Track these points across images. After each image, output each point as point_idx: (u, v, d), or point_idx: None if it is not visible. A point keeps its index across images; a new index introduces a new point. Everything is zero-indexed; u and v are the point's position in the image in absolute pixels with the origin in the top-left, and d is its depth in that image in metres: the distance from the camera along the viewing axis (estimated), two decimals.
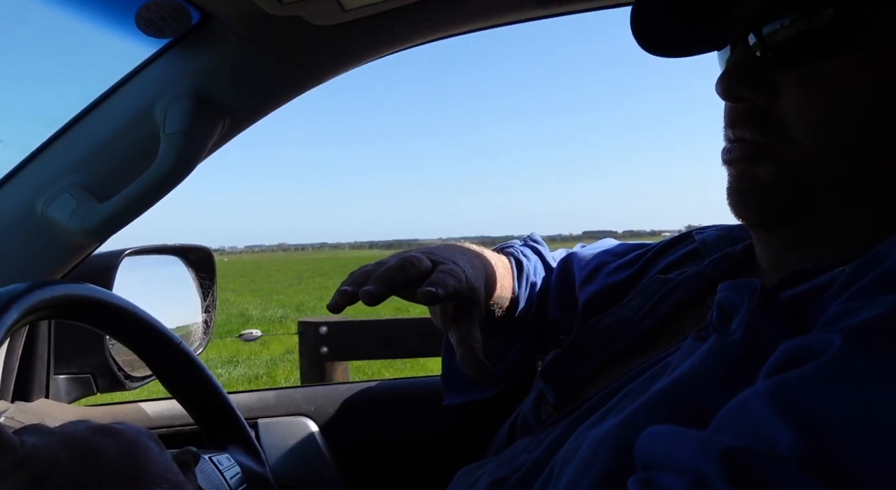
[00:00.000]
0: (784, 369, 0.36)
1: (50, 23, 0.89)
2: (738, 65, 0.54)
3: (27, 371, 1.02)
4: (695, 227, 0.79)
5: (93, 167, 0.88)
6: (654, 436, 0.38)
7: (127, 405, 1.14)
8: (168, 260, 1.31)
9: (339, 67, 0.94)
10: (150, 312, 0.80)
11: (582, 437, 0.48)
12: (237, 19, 0.83)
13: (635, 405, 0.45)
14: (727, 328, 0.46)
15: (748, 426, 0.34)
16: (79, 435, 0.48)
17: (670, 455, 0.36)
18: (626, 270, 0.79)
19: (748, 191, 0.54)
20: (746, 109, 0.53)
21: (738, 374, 0.42)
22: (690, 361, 0.46)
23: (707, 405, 0.41)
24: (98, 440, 0.48)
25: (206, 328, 1.34)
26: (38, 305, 0.63)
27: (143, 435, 0.52)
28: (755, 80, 0.53)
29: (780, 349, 0.38)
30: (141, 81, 0.89)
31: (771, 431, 0.32)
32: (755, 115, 0.53)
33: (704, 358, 0.45)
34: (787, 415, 0.32)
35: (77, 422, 0.51)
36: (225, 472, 0.76)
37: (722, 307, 0.48)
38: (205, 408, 0.84)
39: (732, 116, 0.55)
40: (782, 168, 0.52)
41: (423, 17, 0.88)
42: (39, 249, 0.89)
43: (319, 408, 1.15)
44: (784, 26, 0.51)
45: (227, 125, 0.92)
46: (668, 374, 0.48)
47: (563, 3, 0.89)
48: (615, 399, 0.52)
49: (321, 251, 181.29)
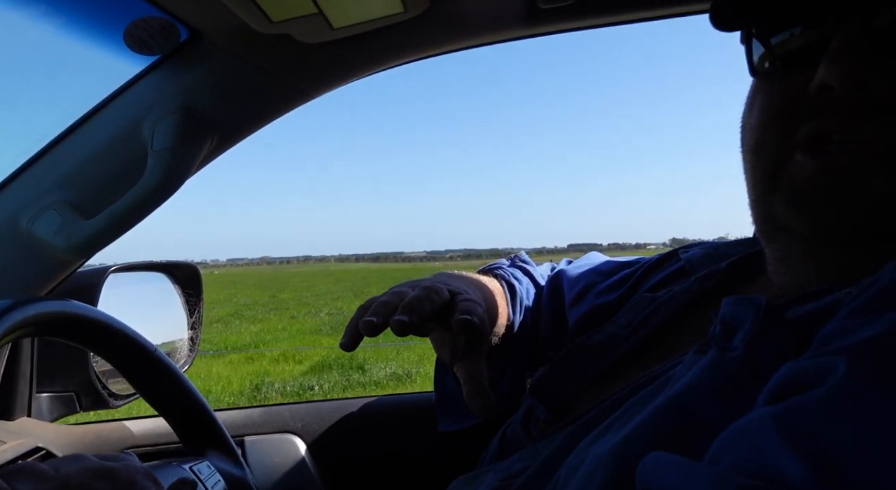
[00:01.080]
0: (788, 394, 0.35)
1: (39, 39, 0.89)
2: (857, 45, 0.46)
3: (9, 389, 1.00)
4: (679, 240, 0.80)
5: (79, 184, 0.88)
6: (657, 464, 0.37)
7: (111, 424, 1.13)
8: (154, 277, 1.31)
9: (328, 85, 0.95)
10: (134, 328, 0.80)
11: (585, 452, 0.48)
12: (226, 37, 0.83)
13: (634, 422, 0.45)
14: (729, 343, 0.45)
15: (755, 456, 0.33)
16: (74, 480, 0.46)
17: (676, 488, 0.34)
18: (616, 291, 0.79)
19: (857, 206, 0.47)
20: (866, 100, 0.46)
21: (737, 389, 0.42)
22: (690, 375, 0.45)
23: (707, 420, 0.41)
24: (93, 485, 0.47)
25: (192, 345, 1.33)
26: (21, 323, 0.62)
27: (139, 474, 0.50)
28: (881, 64, 0.45)
29: (782, 371, 0.37)
30: (129, 98, 0.89)
31: (779, 463, 0.31)
32: (877, 107, 0.46)
33: (703, 372, 0.44)
34: (797, 446, 0.31)
35: (72, 460, 0.50)
36: (206, 480, 0.75)
37: (726, 322, 0.47)
38: (183, 414, 0.83)
39: (838, 109, 0.47)
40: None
41: (410, 36, 0.89)
42: (24, 266, 0.88)
43: (306, 425, 1.14)
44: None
45: (215, 142, 0.92)
46: (670, 387, 0.48)
47: (551, 23, 0.91)
48: (618, 412, 0.51)
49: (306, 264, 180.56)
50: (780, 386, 0.37)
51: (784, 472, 0.31)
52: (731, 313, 0.47)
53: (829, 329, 0.40)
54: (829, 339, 0.39)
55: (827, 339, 0.39)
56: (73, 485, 0.46)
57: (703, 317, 0.52)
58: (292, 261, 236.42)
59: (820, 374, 0.35)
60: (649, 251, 3.40)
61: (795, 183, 0.50)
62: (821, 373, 0.35)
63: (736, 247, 0.71)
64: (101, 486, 0.47)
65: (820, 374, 0.35)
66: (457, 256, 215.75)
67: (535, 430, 0.64)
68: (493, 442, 0.71)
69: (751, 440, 0.34)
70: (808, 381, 0.35)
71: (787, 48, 0.53)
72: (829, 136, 0.48)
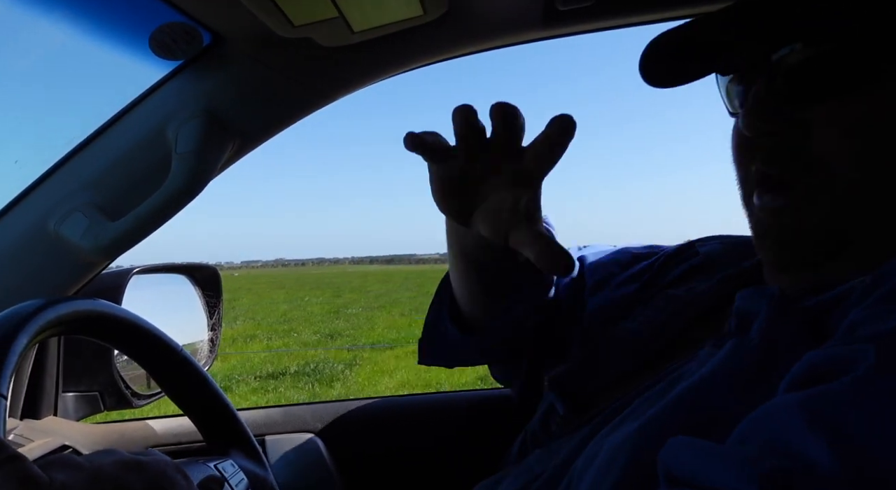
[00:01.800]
0: (813, 381, 0.35)
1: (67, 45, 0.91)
2: (765, 99, 0.51)
3: (36, 389, 1.02)
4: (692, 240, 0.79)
5: (105, 186, 0.90)
6: (681, 448, 0.37)
7: (135, 422, 1.15)
8: (175, 278, 1.32)
9: (348, 88, 0.96)
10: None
11: (600, 443, 0.49)
12: (248, 41, 0.85)
13: (651, 412, 0.45)
14: (745, 334, 0.46)
15: (779, 440, 0.33)
16: (106, 471, 0.47)
17: (701, 472, 0.35)
18: (633, 284, 0.78)
19: (781, 235, 0.52)
20: (776, 146, 0.51)
21: (755, 378, 0.42)
22: (708, 366, 0.46)
23: (725, 409, 0.41)
24: (125, 476, 0.48)
25: (212, 346, 1.35)
26: (54, 321, 0.64)
27: (169, 467, 0.51)
28: (785, 114, 0.50)
29: (805, 358, 0.38)
30: (153, 102, 0.91)
31: (807, 448, 0.31)
32: (787, 151, 0.50)
33: (721, 362, 0.45)
34: (825, 432, 0.31)
35: (104, 454, 0.51)
36: (230, 479, 0.76)
37: (740, 314, 0.48)
38: (206, 413, 0.85)
39: (761, 154, 0.52)
40: (827, 210, 0.49)
41: (429, 38, 0.90)
42: (52, 267, 0.90)
43: (326, 425, 1.15)
44: (807, 59, 0.49)
45: (237, 145, 0.93)
46: (685, 380, 0.48)
47: (569, 24, 0.91)
48: (632, 406, 0.52)
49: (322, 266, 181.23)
50: (805, 372, 0.37)
51: (810, 455, 0.31)
52: (745, 306, 0.48)
53: (853, 318, 0.40)
54: (855, 326, 0.39)
55: (854, 326, 0.39)
56: (106, 476, 0.47)
57: (727, 317, 0.52)
58: (307, 263, 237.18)
59: (848, 361, 0.35)
60: None
61: (754, 222, 0.55)
62: (849, 360, 0.35)
63: None
64: (132, 477, 0.48)
65: (848, 361, 0.35)
66: None
67: (554, 426, 0.65)
68: (515, 444, 0.71)
69: (776, 425, 0.34)
70: (836, 368, 0.35)
71: (732, 94, 0.57)
72: (768, 178, 0.52)
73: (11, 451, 0.42)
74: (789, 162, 0.50)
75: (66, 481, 0.44)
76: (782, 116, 0.50)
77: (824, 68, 0.48)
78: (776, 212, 0.52)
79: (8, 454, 0.41)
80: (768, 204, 0.52)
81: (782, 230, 0.52)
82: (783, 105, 0.50)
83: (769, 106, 0.50)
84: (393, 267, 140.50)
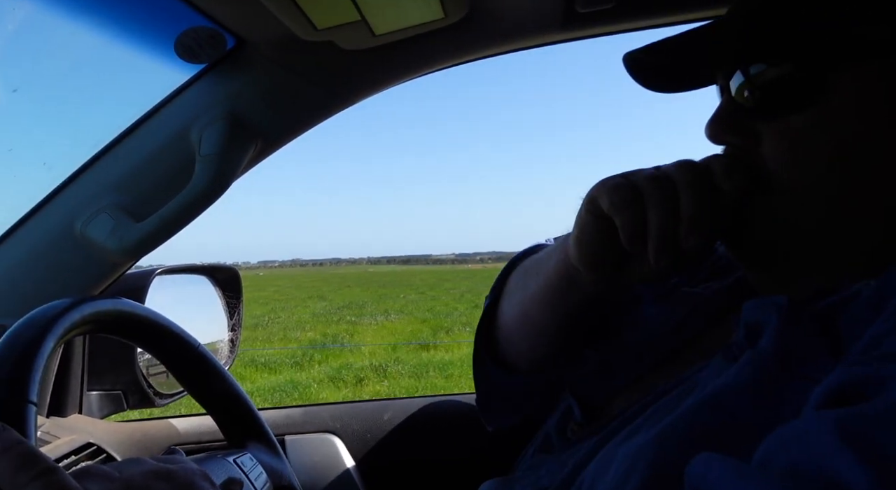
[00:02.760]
0: (841, 399, 0.35)
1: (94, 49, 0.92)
2: (723, 111, 0.56)
3: (62, 387, 1.04)
4: None
5: (130, 188, 0.91)
6: (709, 466, 0.37)
7: (158, 421, 1.16)
8: (197, 279, 1.34)
9: (369, 90, 0.97)
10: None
11: (613, 452, 0.48)
12: (271, 45, 0.86)
13: (667, 421, 0.45)
14: (756, 344, 0.46)
15: (812, 459, 0.32)
16: (136, 481, 0.48)
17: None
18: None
19: (737, 233, 0.55)
20: (734, 157, 0.55)
21: (772, 388, 0.42)
22: (723, 378, 0.46)
23: (743, 420, 0.41)
24: (155, 486, 0.48)
25: (232, 346, 1.36)
26: (81, 320, 0.65)
27: (197, 476, 0.52)
28: (739, 126, 0.55)
29: (834, 376, 0.37)
30: (177, 105, 0.92)
31: (839, 469, 0.31)
32: (745, 164, 0.54)
33: (737, 374, 0.45)
34: (857, 452, 0.30)
35: (133, 463, 0.52)
36: (249, 473, 0.77)
37: (749, 325, 0.48)
38: (226, 410, 0.86)
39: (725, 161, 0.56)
40: (768, 212, 0.53)
41: (449, 41, 0.91)
42: (78, 267, 0.91)
43: (346, 425, 1.16)
44: (766, 78, 0.53)
45: (259, 146, 0.95)
46: (699, 390, 0.48)
47: (589, 27, 0.91)
48: (644, 415, 0.51)
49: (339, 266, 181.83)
50: (833, 391, 0.36)
51: (843, 476, 0.30)
52: (754, 316, 0.48)
53: (877, 329, 0.39)
54: (879, 340, 0.38)
55: (877, 340, 0.39)
56: (137, 486, 0.48)
57: (735, 319, 0.52)
58: (325, 263, 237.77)
59: (877, 380, 0.35)
60: None
61: None
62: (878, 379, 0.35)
63: None
64: (162, 486, 0.49)
65: (877, 380, 0.35)
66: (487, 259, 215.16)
67: (570, 432, 0.64)
68: (530, 446, 0.71)
69: (808, 443, 0.33)
70: (867, 387, 0.35)
71: None
72: None
73: (48, 464, 0.42)
74: (744, 173, 0.53)
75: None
76: (737, 128, 0.55)
77: (771, 88, 0.53)
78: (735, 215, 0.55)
79: (44, 467, 0.42)
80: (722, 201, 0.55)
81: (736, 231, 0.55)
82: (739, 117, 0.55)
83: (727, 117, 0.55)
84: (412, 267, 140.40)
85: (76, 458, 0.89)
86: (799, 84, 0.51)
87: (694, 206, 0.51)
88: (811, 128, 0.50)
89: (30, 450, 0.42)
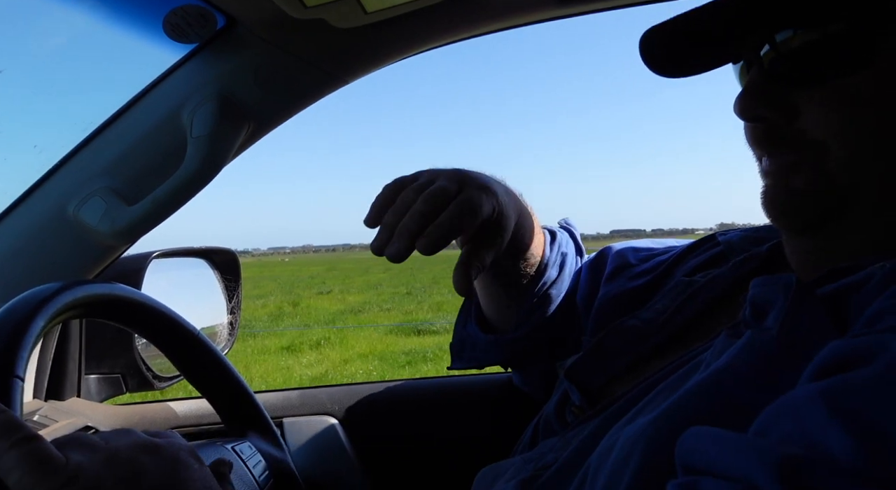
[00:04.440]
0: (834, 371, 0.35)
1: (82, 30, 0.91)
2: (755, 84, 0.53)
3: (60, 371, 1.04)
4: (727, 225, 0.78)
5: (122, 171, 0.90)
6: (699, 438, 0.37)
7: (157, 404, 1.16)
8: (194, 262, 1.34)
9: (362, 69, 0.95)
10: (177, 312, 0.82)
11: (616, 435, 0.48)
12: (261, 23, 0.84)
13: (669, 401, 0.45)
14: (761, 324, 0.45)
15: (800, 431, 0.32)
16: (122, 452, 0.48)
17: (718, 460, 0.34)
18: (645, 277, 0.78)
19: (784, 200, 0.53)
20: (768, 129, 0.53)
21: (775, 369, 0.42)
22: (725, 357, 0.45)
23: (744, 401, 0.41)
24: (140, 459, 0.48)
25: (232, 329, 1.36)
26: (70, 304, 0.65)
27: (182, 451, 0.52)
28: (774, 98, 0.52)
29: (828, 348, 0.37)
30: (168, 86, 0.91)
31: (827, 439, 0.31)
32: (777, 134, 0.52)
33: (739, 353, 0.44)
34: (846, 422, 0.31)
35: (121, 434, 0.51)
36: (248, 460, 0.78)
37: (755, 304, 0.47)
38: (224, 395, 0.86)
39: (755, 136, 0.54)
40: (817, 177, 0.51)
41: (444, 18, 0.89)
42: (71, 251, 0.91)
43: (343, 407, 1.16)
44: (799, 45, 0.51)
45: (252, 128, 0.93)
46: (702, 370, 0.48)
47: (584, 3, 0.89)
48: (648, 397, 0.51)
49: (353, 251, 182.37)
50: (826, 363, 0.36)
51: (831, 447, 0.30)
52: (761, 294, 0.47)
53: (875, 308, 0.39)
54: (881, 315, 0.38)
55: (878, 315, 0.38)
56: (122, 458, 0.47)
57: (742, 300, 0.51)
58: (337, 248, 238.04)
59: (869, 351, 0.34)
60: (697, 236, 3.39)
61: (763, 185, 0.56)
62: (870, 350, 0.34)
63: (778, 231, 0.70)
64: (146, 459, 0.49)
65: (869, 351, 0.34)
66: None
67: (569, 416, 0.64)
68: (528, 429, 0.71)
69: (797, 415, 0.33)
70: (857, 358, 0.35)
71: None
72: (759, 154, 0.56)
73: (28, 432, 0.42)
74: (777, 144, 0.53)
75: (82, 462, 0.44)
76: (772, 100, 0.52)
77: (812, 54, 0.50)
78: (768, 174, 0.54)
79: (24, 434, 0.42)
80: (762, 169, 0.55)
81: (777, 189, 0.54)
82: (773, 89, 0.52)
83: (759, 90, 0.53)
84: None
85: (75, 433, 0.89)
86: (846, 46, 0.48)
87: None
88: (859, 92, 0.48)
89: (11, 418, 0.42)
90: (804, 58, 0.50)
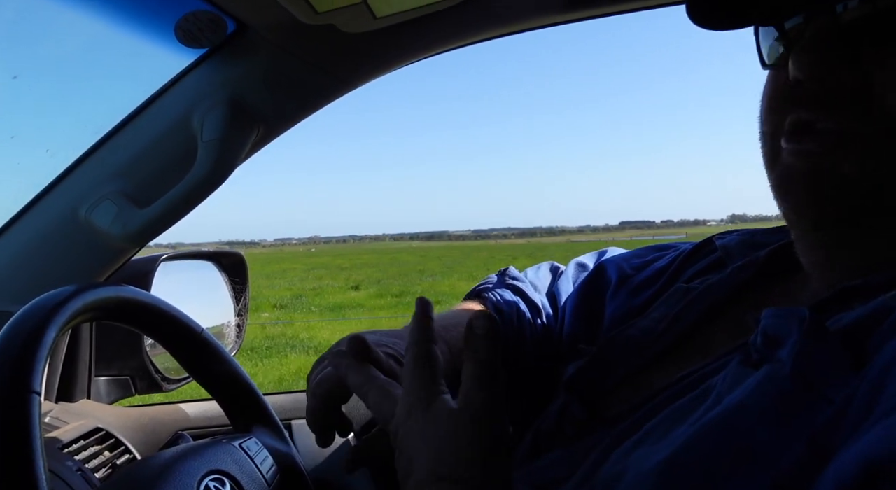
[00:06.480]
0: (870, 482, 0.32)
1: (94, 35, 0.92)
2: (823, 39, 0.46)
3: (70, 373, 1.05)
4: (739, 216, 0.76)
5: (133, 174, 0.91)
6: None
7: (167, 406, 1.17)
8: (202, 265, 1.34)
9: (371, 74, 0.96)
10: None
11: (624, 462, 0.47)
12: (271, 29, 0.85)
13: (683, 436, 0.43)
14: (773, 355, 0.44)
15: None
16: None
17: None
18: (650, 288, 0.76)
19: (829, 187, 0.48)
20: (833, 91, 0.47)
21: (790, 410, 0.40)
22: (740, 393, 0.43)
23: (758, 442, 0.40)
24: None
25: (239, 331, 1.37)
26: (84, 308, 0.65)
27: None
28: (847, 56, 0.46)
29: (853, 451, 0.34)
30: (179, 91, 0.92)
31: None
32: (844, 97, 0.46)
33: (754, 391, 0.42)
34: None
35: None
36: (254, 457, 0.78)
37: (767, 334, 0.45)
38: (231, 394, 0.87)
39: (808, 99, 0.48)
40: (870, 160, 0.46)
41: (452, 23, 0.90)
42: (83, 254, 0.92)
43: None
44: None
45: (262, 132, 0.94)
46: (713, 399, 0.46)
47: (591, 7, 0.90)
48: (655, 420, 0.49)
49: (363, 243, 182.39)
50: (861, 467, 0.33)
51: None
52: (774, 326, 0.45)
53: None
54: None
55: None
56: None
57: (741, 308, 0.50)
58: (347, 240, 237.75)
59: None
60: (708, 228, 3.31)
61: (781, 169, 0.51)
62: None
63: (774, 234, 0.67)
64: None
65: None
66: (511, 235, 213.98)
67: (569, 429, 0.62)
68: (526, 440, 0.70)
69: None
70: None
71: (778, 42, 0.54)
72: (806, 125, 0.49)
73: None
74: (845, 107, 0.46)
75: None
76: (845, 58, 0.46)
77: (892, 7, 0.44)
78: (808, 154, 0.48)
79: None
80: (798, 148, 0.49)
81: (813, 173, 0.48)
82: (844, 46, 0.46)
83: (828, 45, 0.46)
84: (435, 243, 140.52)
85: (84, 442, 0.90)
86: None
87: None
88: None
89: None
90: (882, 13, 0.44)
